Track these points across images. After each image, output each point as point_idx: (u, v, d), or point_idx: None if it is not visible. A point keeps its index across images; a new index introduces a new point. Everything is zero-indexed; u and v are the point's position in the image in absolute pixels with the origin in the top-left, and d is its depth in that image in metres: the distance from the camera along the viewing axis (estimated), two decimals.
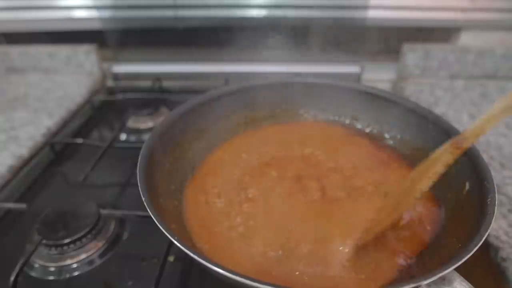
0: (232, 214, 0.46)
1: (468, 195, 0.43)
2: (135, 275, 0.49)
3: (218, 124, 0.59)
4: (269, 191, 0.49)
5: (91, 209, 0.54)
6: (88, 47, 0.98)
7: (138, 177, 0.40)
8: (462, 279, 0.32)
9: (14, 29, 0.99)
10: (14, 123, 0.77)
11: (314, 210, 0.46)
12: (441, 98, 0.84)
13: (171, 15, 0.93)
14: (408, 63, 0.93)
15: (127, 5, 0.93)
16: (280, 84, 0.63)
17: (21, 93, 0.89)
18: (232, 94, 0.60)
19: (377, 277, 0.39)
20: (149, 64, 1.02)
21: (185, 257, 0.51)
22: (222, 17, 0.93)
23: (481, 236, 0.33)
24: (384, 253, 0.41)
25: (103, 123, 0.87)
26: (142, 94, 0.92)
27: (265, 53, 1.00)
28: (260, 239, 0.43)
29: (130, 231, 0.56)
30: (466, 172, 0.44)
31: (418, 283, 0.30)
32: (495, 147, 0.66)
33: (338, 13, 0.91)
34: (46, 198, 0.64)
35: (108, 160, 0.67)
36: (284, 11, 0.92)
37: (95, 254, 0.52)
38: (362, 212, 0.45)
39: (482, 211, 0.37)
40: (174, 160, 0.51)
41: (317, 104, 0.64)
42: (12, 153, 0.67)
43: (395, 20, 0.92)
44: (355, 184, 0.49)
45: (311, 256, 0.41)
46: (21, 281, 0.47)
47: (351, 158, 0.54)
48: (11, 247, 0.54)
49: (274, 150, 0.56)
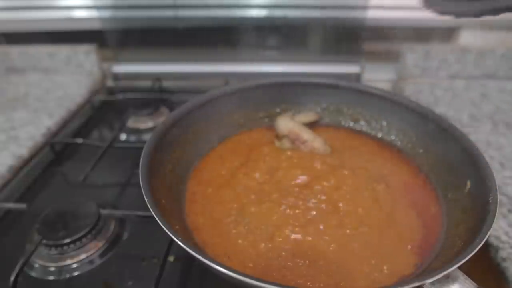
0: (233, 214, 0.46)
1: (469, 194, 0.43)
2: (135, 275, 0.49)
3: (218, 124, 0.59)
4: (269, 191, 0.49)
5: (91, 209, 0.54)
6: (88, 47, 0.98)
7: (140, 178, 0.40)
8: (465, 277, 0.32)
9: (14, 29, 0.99)
10: (14, 123, 0.77)
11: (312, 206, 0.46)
12: (441, 98, 0.84)
13: (171, 15, 0.93)
14: (408, 63, 0.93)
15: (127, 5, 0.93)
16: (280, 84, 0.63)
17: (21, 93, 0.89)
18: (232, 94, 0.60)
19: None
20: (149, 64, 1.02)
21: (185, 257, 0.51)
22: (222, 17, 0.93)
23: (484, 234, 0.33)
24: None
25: (103, 123, 0.87)
26: (142, 94, 0.92)
27: (265, 53, 1.00)
28: (263, 238, 0.43)
29: (130, 231, 0.56)
30: (467, 171, 0.44)
31: (422, 281, 0.30)
32: (495, 147, 0.66)
33: (338, 13, 0.91)
34: (46, 198, 0.64)
35: (108, 160, 0.67)
36: (284, 11, 0.92)
37: (95, 254, 0.51)
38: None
39: (484, 210, 0.37)
40: (175, 160, 0.51)
41: (317, 104, 0.64)
42: (12, 153, 0.67)
43: (395, 20, 0.92)
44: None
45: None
46: (21, 281, 0.47)
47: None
48: (11, 247, 0.54)
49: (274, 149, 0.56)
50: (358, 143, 0.59)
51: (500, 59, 0.90)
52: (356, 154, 0.56)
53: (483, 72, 0.92)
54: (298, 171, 0.51)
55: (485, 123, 0.73)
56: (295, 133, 0.55)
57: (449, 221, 0.44)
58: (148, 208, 0.37)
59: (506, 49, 0.89)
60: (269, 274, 0.39)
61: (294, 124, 0.56)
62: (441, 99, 0.83)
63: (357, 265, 0.40)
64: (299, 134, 0.55)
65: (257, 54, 1.00)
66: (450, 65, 0.92)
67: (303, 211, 0.45)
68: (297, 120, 0.58)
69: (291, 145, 0.56)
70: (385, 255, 0.41)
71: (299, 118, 0.59)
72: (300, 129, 0.55)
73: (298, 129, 0.55)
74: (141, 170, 0.42)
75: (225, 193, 0.49)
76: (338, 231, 0.43)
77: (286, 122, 0.57)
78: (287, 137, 0.56)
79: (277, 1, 0.92)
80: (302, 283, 0.38)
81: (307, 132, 0.55)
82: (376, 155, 0.56)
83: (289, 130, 0.56)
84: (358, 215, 0.45)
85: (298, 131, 0.55)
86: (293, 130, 0.55)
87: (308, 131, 0.56)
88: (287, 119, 0.58)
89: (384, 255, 0.41)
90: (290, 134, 0.56)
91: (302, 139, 0.55)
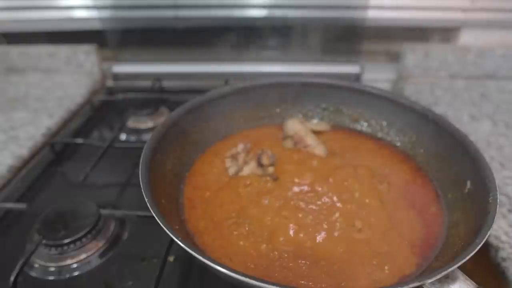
0: (233, 216, 0.46)
1: (469, 194, 0.43)
2: (135, 275, 0.49)
3: (218, 124, 0.59)
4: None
5: (91, 209, 0.54)
6: (88, 47, 0.98)
7: (140, 178, 0.40)
8: (465, 277, 0.32)
9: (14, 29, 0.99)
10: (14, 123, 0.77)
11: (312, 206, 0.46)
12: (441, 98, 0.84)
13: (171, 15, 0.93)
14: (408, 63, 0.93)
15: (127, 5, 0.93)
16: (280, 84, 0.63)
17: (21, 93, 0.89)
18: (232, 94, 0.60)
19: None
20: (149, 64, 1.02)
21: (185, 257, 0.51)
22: (222, 17, 0.93)
23: (484, 234, 0.33)
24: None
25: (103, 123, 0.87)
26: (142, 94, 0.92)
27: (265, 53, 1.00)
28: (264, 239, 0.43)
29: (130, 231, 0.56)
30: (467, 170, 0.44)
31: (422, 281, 0.30)
32: (495, 147, 0.66)
33: (338, 13, 0.91)
34: (46, 198, 0.64)
35: (108, 160, 0.67)
36: (284, 11, 0.92)
37: (95, 254, 0.51)
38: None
39: (484, 210, 0.37)
40: (175, 160, 0.51)
41: (317, 104, 0.64)
42: (12, 153, 0.67)
43: (395, 20, 0.92)
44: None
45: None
46: (21, 281, 0.47)
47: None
48: (11, 247, 0.54)
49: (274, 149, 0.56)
50: (358, 143, 0.59)
51: (500, 59, 0.90)
52: (356, 154, 0.56)
53: (483, 72, 0.92)
54: (299, 172, 0.51)
55: (485, 123, 0.73)
56: (300, 136, 0.56)
57: (449, 221, 0.44)
58: (148, 208, 0.37)
59: (506, 49, 0.89)
60: (271, 275, 0.39)
61: (301, 127, 0.56)
62: (441, 99, 0.83)
63: (358, 265, 0.40)
64: (303, 138, 0.56)
65: (257, 54, 1.00)
66: (450, 65, 0.92)
67: (304, 211, 0.45)
68: (307, 126, 0.59)
69: (293, 147, 0.56)
70: (386, 255, 0.41)
71: (311, 125, 0.59)
72: (305, 134, 0.56)
73: (303, 133, 0.55)
74: (141, 170, 0.42)
75: (224, 194, 0.49)
76: (339, 231, 0.43)
77: (294, 124, 0.57)
78: (291, 138, 0.56)
79: (277, 1, 0.92)
80: (304, 284, 0.38)
81: (312, 138, 0.56)
82: (376, 155, 0.56)
83: (295, 132, 0.57)
84: (359, 215, 0.45)
85: (303, 135, 0.55)
86: (299, 133, 0.56)
87: (313, 137, 0.56)
88: (296, 121, 0.58)
89: (385, 255, 0.41)
90: (295, 136, 0.56)
91: (305, 143, 0.55)
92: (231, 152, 0.55)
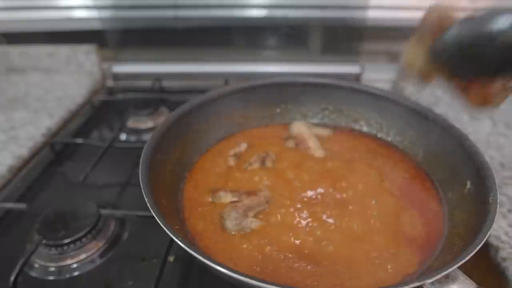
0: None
1: (469, 194, 0.43)
2: (135, 275, 0.49)
3: (218, 124, 0.59)
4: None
5: (91, 209, 0.54)
6: (88, 47, 0.97)
7: (140, 178, 0.40)
8: (465, 277, 0.32)
9: (14, 29, 0.99)
10: (14, 123, 0.76)
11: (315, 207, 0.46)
12: (441, 98, 0.84)
13: (171, 15, 0.93)
14: None
15: (127, 5, 0.93)
16: (280, 84, 0.63)
17: (21, 93, 0.89)
18: (232, 94, 0.60)
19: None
20: (149, 64, 1.02)
21: (185, 257, 0.51)
22: (222, 17, 0.93)
23: (484, 234, 0.34)
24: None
25: (103, 123, 0.87)
26: (142, 94, 0.92)
27: (265, 53, 1.00)
28: (268, 241, 0.42)
29: (130, 231, 0.56)
30: (467, 170, 0.44)
31: (422, 281, 0.30)
32: (495, 147, 0.66)
33: (338, 13, 0.91)
34: (46, 198, 0.64)
35: (108, 160, 0.67)
36: (284, 11, 0.92)
37: (95, 254, 0.51)
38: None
39: (484, 210, 0.37)
40: (175, 160, 0.51)
41: (317, 104, 0.64)
42: (12, 153, 0.67)
43: (395, 20, 0.92)
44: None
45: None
46: (21, 281, 0.47)
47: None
48: (11, 247, 0.54)
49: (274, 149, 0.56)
50: (358, 143, 0.59)
51: None
52: (356, 154, 0.56)
53: None
54: (299, 172, 0.51)
55: (485, 123, 0.73)
56: (303, 138, 0.57)
57: (450, 220, 0.44)
58: (148, 208, 0.37)
59: None
60: (278, 276, 0.39)
61: (306, 130, 0.58)
62: (441, 99, 0.83)
63: (362, 264, 0.40)
64: (305, 140, 0.57)
65: (257, 54, 1.00)
66: None
67: (306, 212, 0.45)
68: (312, 129, 0.60)
69: (294, 147, 0.56)
70: (388, 254, 0.41)
71: (316, 129, 0.60)
72: (309, 136, 0.57)
73: (307, 136, 0.57)
74: (141, 170, 0.42)
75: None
76: (343, 231, 0.43)
77: (300, 126, 0.59)
78: (293, 138, 0.57)
79: (277, 1, 0.92)
80: (309, 284, 0.38)
81: (314, 142, 0.57)
82: (377, 155, 0.56)
83: (299, 133, 0.58)
84: (360, 216, 0.45)
85: (306, 137, 0.57)
86: (302, 134, 0.57)
87: (315, 141, 0.57)
88: (302, 124, 0.60)
89: (388, 254, 0.41)
90: (298, 137, 0.57)
91: (306, 145, 0.56)
92: (234, 151, 0.55)
